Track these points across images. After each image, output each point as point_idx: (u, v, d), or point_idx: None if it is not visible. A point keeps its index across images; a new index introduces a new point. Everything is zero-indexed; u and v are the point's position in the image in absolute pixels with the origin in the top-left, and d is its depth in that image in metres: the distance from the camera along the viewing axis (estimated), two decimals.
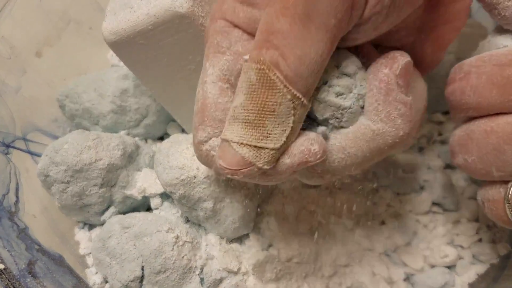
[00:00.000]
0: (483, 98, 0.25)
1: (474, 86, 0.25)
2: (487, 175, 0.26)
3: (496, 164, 0.25)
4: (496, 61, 0.24)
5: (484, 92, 0.25)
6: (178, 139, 0.36)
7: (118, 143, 0.37)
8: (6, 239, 0.33)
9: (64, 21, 0.50)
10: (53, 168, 0.35)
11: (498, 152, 0.24)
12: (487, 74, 0.24)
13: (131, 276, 0.32)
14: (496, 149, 0.24)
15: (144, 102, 0.42)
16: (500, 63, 0.24)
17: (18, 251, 0.33)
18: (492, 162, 0.25)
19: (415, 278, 0.37)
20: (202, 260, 0.34)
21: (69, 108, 0.43)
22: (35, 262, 0.33)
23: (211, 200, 0.33)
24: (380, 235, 0.38)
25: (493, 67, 0.24)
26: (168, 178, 0.33)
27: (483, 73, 0.25)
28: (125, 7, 0.32)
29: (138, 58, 0.34)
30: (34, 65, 0.46)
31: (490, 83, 0.24)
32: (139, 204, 0.39)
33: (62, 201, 0.36)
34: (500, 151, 0.24)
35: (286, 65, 0.20)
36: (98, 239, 0.35)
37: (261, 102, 0.20)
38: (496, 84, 0.24)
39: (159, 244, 0.32)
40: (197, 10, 0.31)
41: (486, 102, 0.25)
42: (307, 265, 0.36)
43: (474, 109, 0.26)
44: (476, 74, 0.25)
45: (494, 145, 0.24)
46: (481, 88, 0.25)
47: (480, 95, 0.25)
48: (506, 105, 0.24)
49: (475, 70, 0.25)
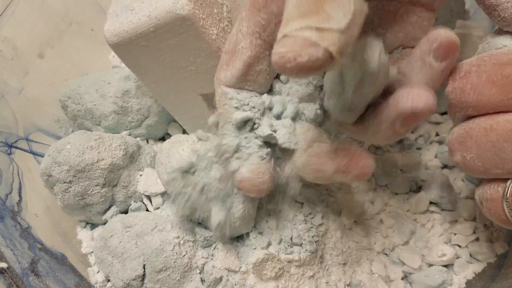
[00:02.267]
0: (483, 97, 0.25)
1: (474, 85, 0.25)
2: (486, 172, 0.26)
3: (494, 162, 0.25)
4: (496, 60, 0.25)
5: (484, 91, 0.25)
6: (179, 139, 0.36)
7: (120, 143, 0.37)
8: (9, 238, 0.33)
9: (66, 22, 0.50)
10: (55, 168, 0.35)
11: (497, 150, 0.25)
12: (488, 73, 0.25)
13: (133, 275, 0.33)
14: (495, 147, 0.25)
15: (146, 103, 0.42)
16: (500, 62, 0.24)
17: (21, 250, 0.33)
18: (491, 160, 0.25)
19: (413, 277, 0.37)
20: (203, 259, 0.34)
21: (71, 109, 0.43)
22: (37, 261, 0.34)
23: (212, 199, 0.33)
24: (378, 234, 0.39)
25: (493, 66, 0.25)
26: (169, 177, 0.33)
27: (484, 72, 0.25)
28: (127, 9, 0.32)
29: (139, 60, 0.34)
30: (37, 66, 0.47)
31: (490, 82, 0.24)
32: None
33: (64, 201, 0.36)
34: (499, 148, 0.25)
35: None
36: (100, 238, 0.35)
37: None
38: (496, 82, 0.24)
39: (160, 243, 0.33)
40: (198, 12, 0.31)
41: (486, 101, 0.25)
42: (306, 264, 0.36)
43: (474, 108, 0.26)
44: (476, 73, 0.25)
45: (493, 143, 0.25)
46: (481, 87, 0.25)
47: (480, 93, 0.25)
48: (505, 103, 0.24)
49: (476, 69, 0.25)
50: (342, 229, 0.38)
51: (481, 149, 0.25)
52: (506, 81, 0.24)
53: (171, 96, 0.38)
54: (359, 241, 0.38)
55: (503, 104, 0.24)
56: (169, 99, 0.39)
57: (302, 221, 0.36)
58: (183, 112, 0.40)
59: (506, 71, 0.24)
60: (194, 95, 0.38)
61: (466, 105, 0.26)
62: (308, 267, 0.36)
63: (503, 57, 0.24)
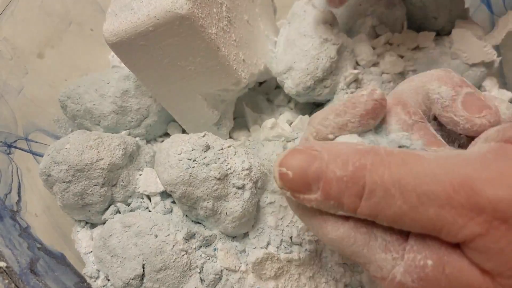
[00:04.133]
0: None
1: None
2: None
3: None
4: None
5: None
6: (179, 139, 0.36)
7: (119, 143, 0.37)
8: (8, 238, 0.33)
9: (65, 22, 0.50)
10: (55, 168, 0.35)
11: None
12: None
13: (132, 274, 0.33)
14: None
15: (145, 103, 0.42)
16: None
17: (20, 249, 0.33)
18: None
19: None
20: (202, 259, 0.34)
21: (70, 109, 0.43)
22: (37, 261, 0.34)
23: (211, 199, 0.33)
24: None
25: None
26: (168, 177, 0.33)
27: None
28: (126, 9, 0.33)
29: (139, 59, 0.34)
30: (36, 66, 0.47)
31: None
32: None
33: (63, 200, 0.36)
34: None
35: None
36: (99, 237, 0.35)
37: None
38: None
39: (159, 243, 0.33)
40: (197, 11, 0.31)
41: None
42: (306, 264, 0.36)
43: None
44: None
45: None
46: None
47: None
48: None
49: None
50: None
51: None
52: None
53: (170, 95, 0.38)
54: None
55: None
56: (168, 99, 0.39)
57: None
58: (183, 112, 0.40)
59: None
60: (193, 94, 0.38)
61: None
62: (308, 266, 0.36)
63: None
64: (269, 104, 0.48)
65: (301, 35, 0.40)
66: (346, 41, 0.41)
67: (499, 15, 0.43)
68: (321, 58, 0.39)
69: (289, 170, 0.22)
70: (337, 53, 0.39)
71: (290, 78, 0.41)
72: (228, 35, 0.36)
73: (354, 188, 0.20)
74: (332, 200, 0.21)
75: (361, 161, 0.20)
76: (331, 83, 0.40)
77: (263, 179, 0.36)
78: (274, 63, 0.43)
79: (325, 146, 0.22)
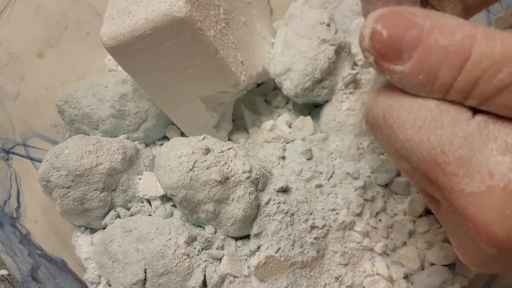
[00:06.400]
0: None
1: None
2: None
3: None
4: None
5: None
6: (178, 142, 0.36)
7: (118, 147, 0.37)
8: (8, 245, 0.33)
9: (62, 26, 0.50)
10: (54, 173, 0.35)
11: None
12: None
13: (134, 279, 0.32)
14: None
15: (143, 106, 0.42)
16: None
17: (21, 257, 0.33)
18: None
19: (414, 277, 0.37)
20: (204, 262, 0.34)
21: (68, 113, 0.43)
22: (38, 268, 0.33)
23: (212, 202, 0.33)
24: (378, 234, 0.39)
25: None
26: (169, 181, 0.33)
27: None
28: (123, 13, 0.32)
29: (136, 63, 0.34)
30: (33, 70, 0.46)
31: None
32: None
33: (63, 206, 0.36)
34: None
35: None
36: (100, 243, 0.35)
37: None
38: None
39: (161, 247, 0.33)
40: (195, 14, 0.31)
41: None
42: (308, 266, 0.36)
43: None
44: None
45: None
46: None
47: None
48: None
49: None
50: (343, 229, 0.38)
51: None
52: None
53: (169, 99, 0.38)
54: (360, 241, 0.38)
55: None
56: (167, 102, 0.39)
57: (303, 222, 0.36)
58: (181, 115, 0.40)
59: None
60: (192, 97, 0.38)
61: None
62: (310, 268, 0.36)
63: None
64: (268, 106, 0.47)
65: (299, 36, 0.40)
66: (344, 42, 0.41)
67: (496, 14, 0.43)
68: (319, 59, 0.39)
69: (384, 29, 0.20)
70: (335, 53, 0.39)
71: (288, 80, 0.41)
72: (226, 37, 0.36)
73: (456, 59, 0.19)
74: (423, 73, 0.20)
75: (471, 31, 0.19)
76: (330, 84, 0.40)
77: (263, 180, 0.36)
78: (272, 65, 0.43)
79: (428, 14, 0.20)
